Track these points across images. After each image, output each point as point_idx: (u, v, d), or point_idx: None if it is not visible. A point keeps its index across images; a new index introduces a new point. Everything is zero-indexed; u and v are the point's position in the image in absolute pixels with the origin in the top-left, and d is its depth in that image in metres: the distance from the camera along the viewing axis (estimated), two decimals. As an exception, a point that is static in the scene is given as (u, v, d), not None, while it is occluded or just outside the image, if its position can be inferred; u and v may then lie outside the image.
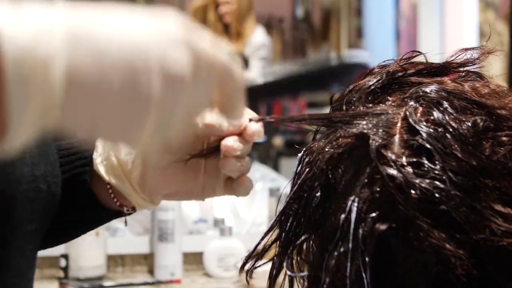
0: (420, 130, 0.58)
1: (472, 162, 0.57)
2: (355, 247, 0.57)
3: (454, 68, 0.67)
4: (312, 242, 0.61)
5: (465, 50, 0.68)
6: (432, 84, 0.63)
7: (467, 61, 0.67)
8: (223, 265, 1.82)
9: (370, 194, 0.58)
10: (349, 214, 0.58)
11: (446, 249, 0.56)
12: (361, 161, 0.59)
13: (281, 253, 0.64)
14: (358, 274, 0.57)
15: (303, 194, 0.63)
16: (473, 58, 0.67)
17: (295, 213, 0.63)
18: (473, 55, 0.68)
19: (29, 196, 0.69)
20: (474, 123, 0.60)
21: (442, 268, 0.57)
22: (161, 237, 1.79)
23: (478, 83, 0.65)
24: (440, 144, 0.58)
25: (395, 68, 0.67)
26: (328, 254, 0.58)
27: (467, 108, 0.61)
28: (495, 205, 0.57)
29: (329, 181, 0.61)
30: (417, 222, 0.56)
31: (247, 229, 2.01)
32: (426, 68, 0.67)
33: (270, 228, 0.66)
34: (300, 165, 0.64)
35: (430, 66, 0.67)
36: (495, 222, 0.56)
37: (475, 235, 0.56)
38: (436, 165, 0.57)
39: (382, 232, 0.57)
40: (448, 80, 0.65)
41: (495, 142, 0.59)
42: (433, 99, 0.61)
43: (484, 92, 0.63)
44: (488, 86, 0.64)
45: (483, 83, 0.65)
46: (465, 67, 0.67)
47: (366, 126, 0.60)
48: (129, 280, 1.81)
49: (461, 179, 0.57)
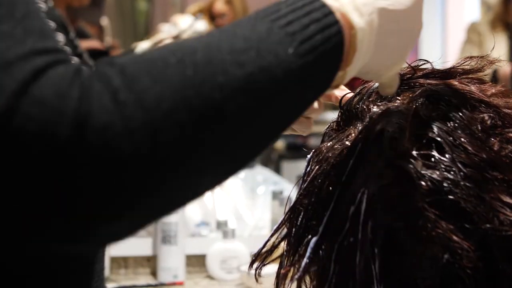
0: (431, 124, 0.60)
1: (481, 155, 0.58)
2: (364, 237, 0.58)
3: (460, 74, 0.68)
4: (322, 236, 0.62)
5: (470, 58, 0.69)
6: (440, 84, 0.64)
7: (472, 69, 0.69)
8: (226, 268, 1.82)
9: (380, 186, 0.59)
10: (359, 206, 0.59)
11: (453, 240, 0.56)
12: (372, 154, 0.60)
13: (291, 249, 0.64)
14: (367, 264, 0.57)
15: (314, 190, 0.64)
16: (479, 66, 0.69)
17: (305, 209, 0.64)
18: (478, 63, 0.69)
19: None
20: (482, 120, 0.61)
21: (449, 260, 0.57)
22: (164, 240, 1.80)
23: (484, 85, 0.66)
24: (450, 137, 0.59)
25: (404, 71, 0.68)
26: (338, 244, 0.59)
27: (475, 106, 0.62)
28: (503, 197, 0.58)
29: (339, 176, 0.62)
30: (425, 213, 0.57)
31: (250, 231, 2.01)
32: (433, 72, 0.68)
33: (280, 225, 0.67)
34: (310, 164, 0.65)
35: (436, 71, 0.68)
36: (504, 212, 0.57)
37: (483, 225, 0.57)
38: (446, 157, 0.58)
39: (391, 223, 0.58)
40: (455, 81, 0.66)
41: (503, 139, 0.61)
42: (442, 97, 0.63)
43: (491, 93, 0.65)
44: (494, 87, 0.66)
45: (489, 85, 0.67)
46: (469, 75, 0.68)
47: (378, 121, 0.62)
48: (132, 282, 1.81)
49: (471, 171, 0.58)
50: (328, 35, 0.57)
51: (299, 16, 0.57)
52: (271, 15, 0.57)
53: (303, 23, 0.57)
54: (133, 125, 0.47)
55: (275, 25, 0.56)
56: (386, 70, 0.64)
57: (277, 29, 0.56)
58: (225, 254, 1.82)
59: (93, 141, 0.47)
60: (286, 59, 0.54)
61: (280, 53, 0.54)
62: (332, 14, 0.58)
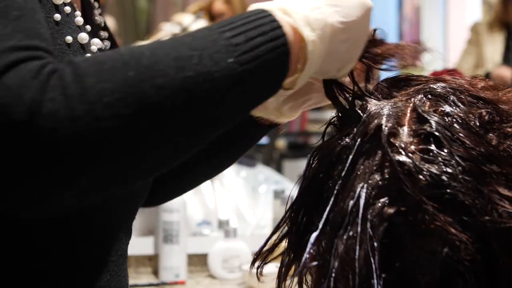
0: (429, 119, 0.60)
1: (479, 149, 0.59)
2: (363, 231, 0.58)
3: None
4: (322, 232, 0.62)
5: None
6: (438, 82, 0.65)
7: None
8: (228, 267, 1.83)
9: (379, 180, 0.59)
10: (358, 200, 0.59)
11: (451, 233, 0.57)
12: (370, 149, 0.61)
13: (292, 246, 0.65)
14: (367, 259, 0.58)
15: (314, 187, 0.64)
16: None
17: (306, 206, 0.65)
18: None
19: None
20: (480, 115, 0.62)
21: (448, 253, 0.58)
22: (165, 239, 1.80)
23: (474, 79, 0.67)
24: (448, 131, 0.60)
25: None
26: (338, 239, 0.59)
27: (472, 102, 0.63)
28: (501, 190, 0.58)
29: (339, 172, 0.62)
30: (424, 206, 0.57)
31: (252, 231, 2.01)
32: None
33: (281, 221, 0.67)
34: (310, 162, 0.66)
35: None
36: (502, 205, 0.58)
37: (482, 217, 0.57)
38: (444, 152, 0.59)
39: (390, 217, 0.59)
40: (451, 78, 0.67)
41: (500, 134, 0.61)
42: (440, 94, 0.63)
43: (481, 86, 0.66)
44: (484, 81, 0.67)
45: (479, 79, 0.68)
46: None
47: (376, 117, 0.63)
48: (133, 281, 1.81)
49: (469, 164, 0.58)
50: (273, 46, 0.66)
51: (247, 29, 0.66)
52: (222, 27, 0.66)
53: (249, 36, 0.65)
54: (76, 114, 0.58)
55: (222, 36, 0.65)
56: (337, 72, 0.73)
57: (223, 40, 0.65)
58: (226, 253, 1.82)
59: (42, 124, 0.57)
60: (226, 66, 0.63)
61: (220, 61, 0.63)
62: (280, 28, 0.67)
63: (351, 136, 0.64)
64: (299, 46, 0.68)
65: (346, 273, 0.58)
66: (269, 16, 0.67)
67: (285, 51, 0.67)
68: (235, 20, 0.67)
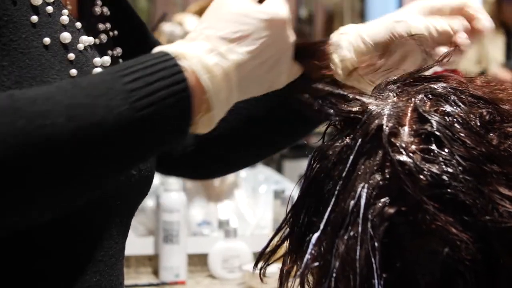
0: (430, 119, 0.60)
1: (480, 149, 0.59)
2: (364, 231, 0.58)
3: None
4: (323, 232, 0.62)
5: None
6: (438, 81, 0.65)
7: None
8: (228, 267, 1.82)
9: (379, 180, 0.60)
10: (359, 200, 0.59)
11: (452, 232, 0.57)
12: (371, 149, 0.61)
13: (293, 248, 0.65)
14: (367, 258, 0.58)
15: (315, 187, 0.64)
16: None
17: (307, 207, 0.65)
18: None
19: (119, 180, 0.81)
20: (480, 115, 0.62)
21: (448, 253, 0.58)
22: (166, 239, 1.80)
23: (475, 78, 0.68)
24: (449, 131, 0.60)
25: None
26: (339, 239, 0.59)
27: (473, 102, 0.63)
28: (502, 189, 0.58)
29: (340, 172, 0.62)
30: (424, 206, 0.57)
31: (252, 231, 2.01)
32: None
33: (282, 222, 0.67)
34: (311, 163, 0.66)
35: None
36: (503, 205, 0.58)
37: (482, 217, 0.58)
38: (444, 151, 0.59)
39: (391, 217, 0.59)
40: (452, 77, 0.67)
41: (501, 134, 0.61)
42: (441, 93, 0.64)
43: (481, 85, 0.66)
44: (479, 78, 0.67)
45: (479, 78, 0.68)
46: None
47: (377, 117, 0.63)
48: (133, 281, 1.81)
49: (469, 164, 0.59)
50: (173, 91, 0.65)
51: (146, 74, 0.65)
52: (122, 71, 0.65)
53: (147, 81, 0.65)
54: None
55: (120, 81, 0.64)
56: (270, 88, 0.73)
57: (120, 85, 0.64)
58: (227, 253, 1.82)
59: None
60: (120, 113, 0.63)
61: (114, 108, 0.63)
62: (181, 73, 0.66)
63: (351, 137, 0.64)
64: (202, 90, 0.67)
65: (347, 273, 0.58)
66: (170, 60, 0.67)
67: (186, 96, 0.66)
68: (136, 64, 0.66)
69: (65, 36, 0.77)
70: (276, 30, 0.70)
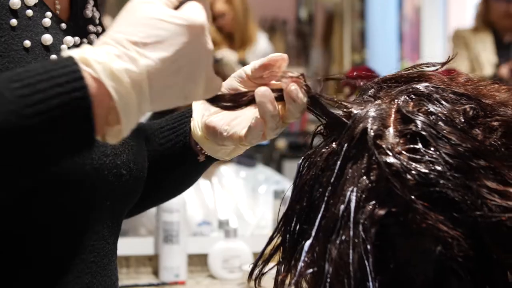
0: (414, 118, 0.61)
1: (465, 145, 0.59)
2: (356, 235, 0.58)
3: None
4: (315, 238, 0.62)
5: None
6: (420, 81, 0.66)
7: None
8: (228, 267, 1.83)
9: (368, 183, 0.60)
10: (349, 204, 0.59)
11: (443, 230, 0.57)
12: (358, 153, 0.61)
13: (286, 256, 0.65)
14: (361, 262, 0.58)
15: (305, 194, 0.64)
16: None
17: (298, 214, 0.65)
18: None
19: (109, 180, 0.82)
20: (464, 111, 0.62)
21: (441, 252, 0.58)
22: (166, 239, 1.80)
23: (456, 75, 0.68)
24: (434, 130, 0.60)
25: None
26: (331, 244, 0.60)
27: (456, 99, 0.63)
28: (490, 184, 0.59)
29: (328, 178, 0.62)
30: (414, 205, 0.58)
31: (252, 231, 2.01)
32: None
33: (275, 231, 0.67)
34: (300, 170, 0.66)
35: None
36: (492, 199, 0.58)
37: (472, 213, 0.58)
38: (431, 150, 0.59)
39: (381, 219, 0.59)
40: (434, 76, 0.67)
41: (486, 128, 0.61)
42: (423, 93, 0.64)
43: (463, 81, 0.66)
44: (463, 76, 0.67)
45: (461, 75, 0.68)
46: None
47: (361, 120, 0.63)
48: (133, 281, 1.81)
49: (456, 161, 0.59)
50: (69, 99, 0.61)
51: (39, 80, 0.61)
52: (14, 77, 0.61)
53: (38, 88, 0.61)
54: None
55: (9, 87, 0.60)
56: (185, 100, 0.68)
57: (9, 91, 0.60)
58: (227, 253, 1.82)
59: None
60: (8, 120, 0.59)
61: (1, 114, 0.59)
62: (81, 80, 0.61)
63: (337, 142, 0.64)
64: (108, 98, 0.63)
65: (341, 277, 0.58)
66: (71, 66, 0.62)
67: (84, 105, 0.62)
68: (34, 69, 0.62)
69: (46, 38, 0.78)
70: (193, 37, 0.66)
